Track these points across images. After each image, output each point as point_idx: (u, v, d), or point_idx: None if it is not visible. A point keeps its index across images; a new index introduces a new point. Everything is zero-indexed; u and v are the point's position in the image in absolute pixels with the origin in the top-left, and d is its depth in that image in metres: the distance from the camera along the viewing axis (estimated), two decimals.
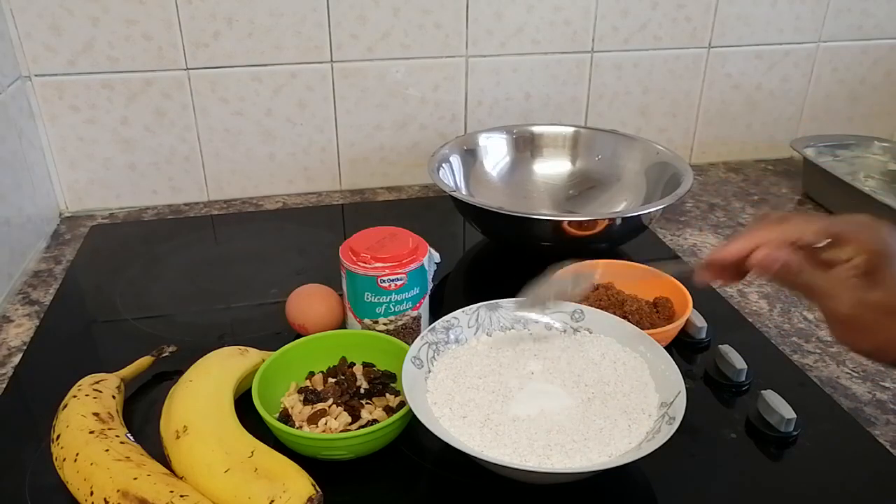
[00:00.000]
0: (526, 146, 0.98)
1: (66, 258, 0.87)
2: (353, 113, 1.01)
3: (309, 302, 0.69)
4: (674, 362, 0.56)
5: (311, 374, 0.61)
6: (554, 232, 0.77)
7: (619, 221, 0.78)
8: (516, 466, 0.49)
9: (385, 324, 0.65)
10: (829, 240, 0.48)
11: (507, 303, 0.63)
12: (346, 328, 0.68)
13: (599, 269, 0.72)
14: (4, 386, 0.65)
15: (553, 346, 0.60)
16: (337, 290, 0.69)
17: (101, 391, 0.57)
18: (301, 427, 0.55)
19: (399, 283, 0.63)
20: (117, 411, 0.57)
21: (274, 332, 0.71)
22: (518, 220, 0.77)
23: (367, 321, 0.65)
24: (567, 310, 0.63)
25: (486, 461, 0.48)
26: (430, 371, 0.57)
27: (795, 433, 0.57)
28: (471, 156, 0.95)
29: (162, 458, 0.52)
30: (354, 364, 0.62)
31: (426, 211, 1.00)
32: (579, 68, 1.05)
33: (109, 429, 0.53)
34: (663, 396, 0.54)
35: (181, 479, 0.50)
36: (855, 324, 0.47)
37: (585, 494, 0.53)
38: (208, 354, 0.61)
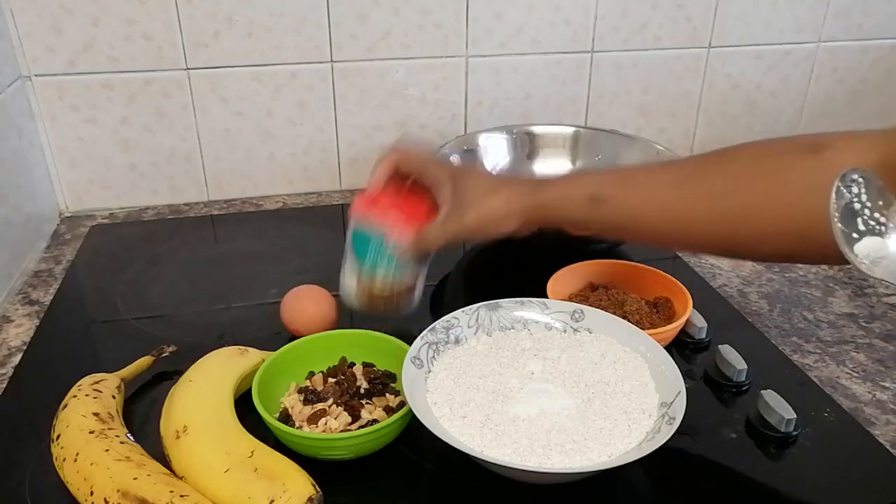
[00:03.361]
0: (526, 146, 0.98)
1: (66, 258, 0.87)
2: (353, 113, 1.01)
3: (300, 304, 0.68)
4: (674, 362, 0.56)
5: (311, 374, 0.61)
6: (554, 232, 0.76)
7: None
8: (516, 466, 0.49)
9: (380, 286, 0.65)
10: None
11: (507, 303, 0.63)
12: (339, 327, 0.68)
13: None
14: (4, 386, 0.65)
15: (553, 346, 0.60)
16: (332, 291, 0.69)
17: (101, 391, 0.57)
18: (301, 427, 0.55)
19: (404, 243, 0.64)
20: (117, 411, 0.57)
21: (274, 332, 0.70)
22: None
23: (364, 279, 0.66)
24: (567, 310, 0.63)
25: (486, 461, 0.48)
26: (430, 371, 0.57)
27: (795, 433, 0.57)
28: (471, 156, 0.94)
29: (162, 458, 0.52)
30: (354, 364, 0.62)
31: None
32: (579, 68, 1.05)
33: (109, 429, 0.53)
34: (663, 396, 0.54)
35: (181, 479, 0.50)
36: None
37: (585, 494, 0.53)
38: (208, 354, 0.61)
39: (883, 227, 0.42)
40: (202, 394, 0.56)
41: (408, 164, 0.67)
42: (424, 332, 0.59)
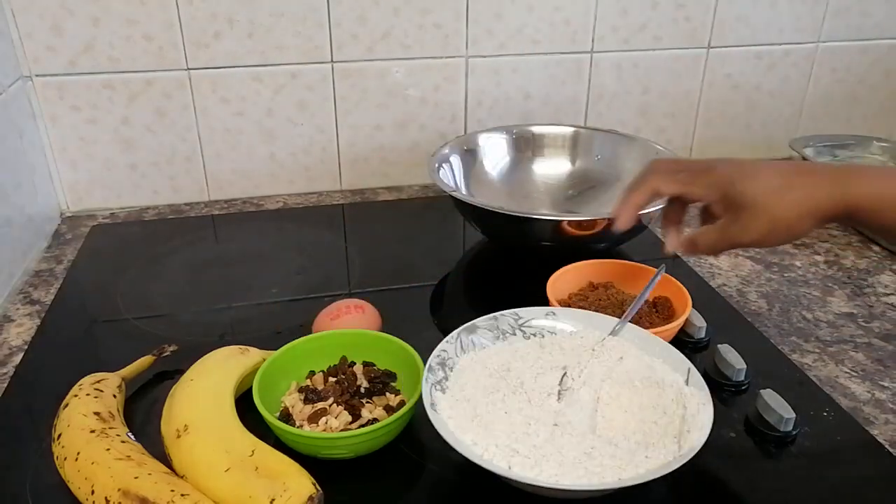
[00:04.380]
0: (526, 146, 0.98)
1: (67, 258, 0.88)
2: (353, 113, 1.01)
3: (343, 324, 0.65)
4: (710, 402, 0.53)
5: (312, 373, 0.61)
6: (554, 232, 0.77)
7: None
8: (544, 484, 0.47)
9: None
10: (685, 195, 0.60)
11: (482, 321, 0.61)
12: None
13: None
14: (6, 385, 0.65)
15: (548, 356, 0.59)
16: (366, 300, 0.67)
17: (102, 390, 0.57)
18: (301, 426, 0.55)
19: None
20: (118, 410, 0.57)
21: (274, 331, 0.71)
22: (518, 219, 0.77)
23: None
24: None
25: (515, 481, 0.48)
26: (446, 408, 0.55)
27: (794, 432, 0.57)
28: (471, 156, 0.95)
29: (163, 458, 0.52)
30: (355, 363, 0.62)
31: (426, 211, 1.01)
32: (579, 68, 1.06)
33: (110, 428, 0.53)
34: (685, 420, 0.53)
35: (182, 478, 0.50)
36: (764, 238, 0.55)
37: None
38: (209, 354, 0.61)
39: None
40: (203, 393, 0.56)
41: (665, 188, 0.60)
42: (426, 373, 0.55)
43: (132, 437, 0.54)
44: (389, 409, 0.57)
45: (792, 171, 0.55)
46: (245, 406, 0.56)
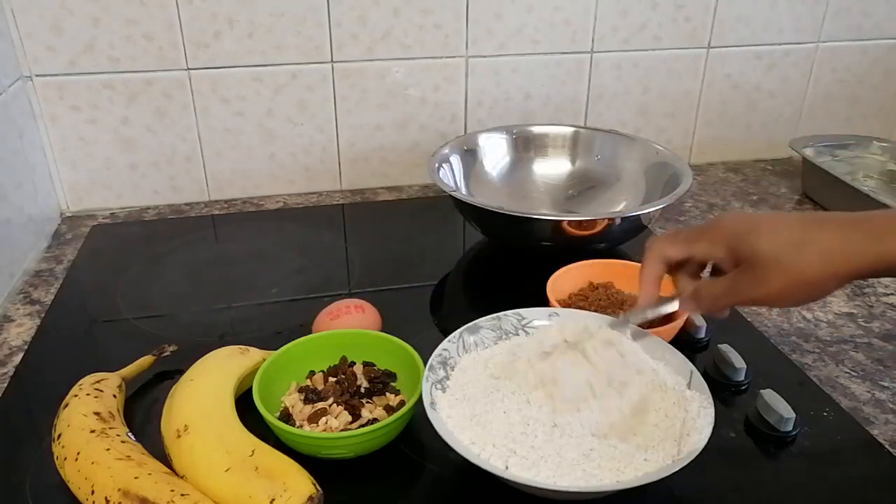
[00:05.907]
0: (526, 146, 0.98)
1: (67, 258, 0.88)
2: (353, 113, 1.01)
3: (342, 325, 0.65)
4: (712, 406, 0.53)
5: (312, 373, 0.61)
6: (554, 232, 0.77)
7: (618, 221, 0.79)
8: (541, 485, 0.47)
9: None
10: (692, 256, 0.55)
11: (485, 321, 0.61)
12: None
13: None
14: (6, 385, 0.65)
15: (551, 359, 0.59)
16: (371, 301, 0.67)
17: (102, 390, 0.57)
18: (301, 426, 0.55)
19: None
20: (118, 410, 0.57)
21: (274, 331, 0.71)
22: (518, 219, 0.77)
23: None
24: (543, 315, 0.62)
25: (515, 482, 0.48)
26: (445, 407, 0.55)
27: (794, 432, 0.58)
28: (471, 156, 0.95)
29: (163, 458, 0.52)
30: (355, 363, 0.62)
31: (426, 211, 1.01)
32: (579, 68, 1.06)
33: (110, 428, 0.53)
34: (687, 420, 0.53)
35: (182, 478, 0.50)
36: (779, 299, 0.51)
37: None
38: (209, 354, 0.61)
39: None
40: (203, 393, 0.56)
41: (670, 251, 0.56)
42: (427, 372, 0.56)
43: (132, 437, 0.54)
44: (389, 409, 0.57)
45: (811, 223, 0.48)
46: (245, 406, 0.56)
